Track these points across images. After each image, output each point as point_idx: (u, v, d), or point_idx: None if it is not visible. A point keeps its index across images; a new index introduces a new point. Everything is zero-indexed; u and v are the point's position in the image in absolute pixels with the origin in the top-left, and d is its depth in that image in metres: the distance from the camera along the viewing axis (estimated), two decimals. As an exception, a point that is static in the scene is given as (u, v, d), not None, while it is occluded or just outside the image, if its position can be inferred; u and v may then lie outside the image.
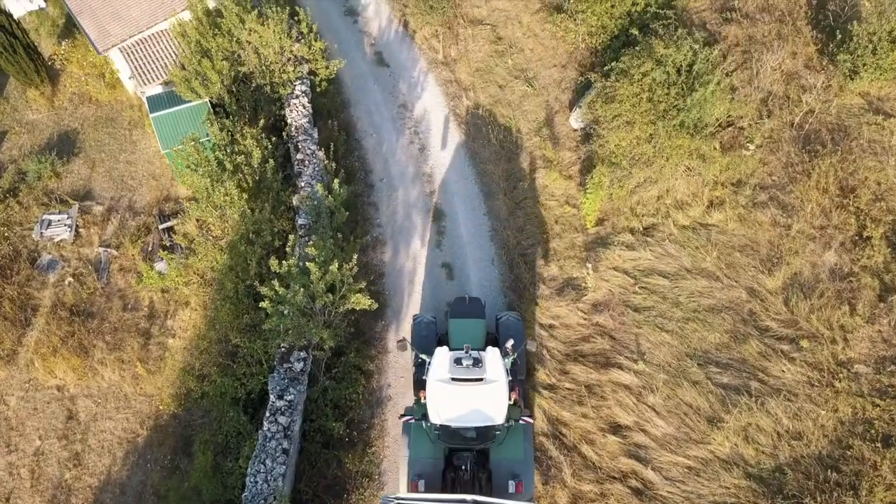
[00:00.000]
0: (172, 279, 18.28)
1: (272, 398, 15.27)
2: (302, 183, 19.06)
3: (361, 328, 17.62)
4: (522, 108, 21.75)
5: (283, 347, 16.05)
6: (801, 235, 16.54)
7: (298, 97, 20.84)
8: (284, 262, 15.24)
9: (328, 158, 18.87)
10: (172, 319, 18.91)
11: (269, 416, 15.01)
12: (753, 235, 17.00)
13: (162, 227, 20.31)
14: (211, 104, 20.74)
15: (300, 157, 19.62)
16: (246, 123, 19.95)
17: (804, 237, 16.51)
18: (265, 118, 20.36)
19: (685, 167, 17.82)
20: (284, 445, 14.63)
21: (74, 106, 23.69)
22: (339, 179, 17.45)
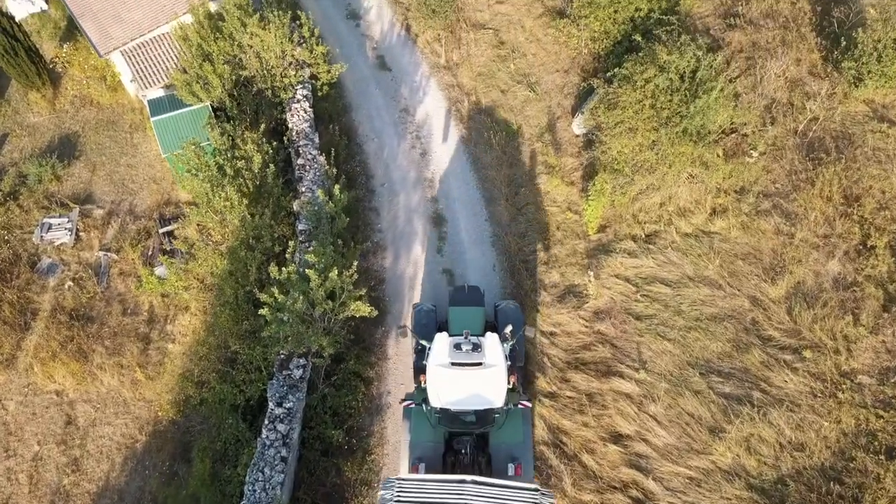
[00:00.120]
0: (172, 284, 18.21)
1: (271, 405, 15.20)
2: (302, 188, 18.99)
3: (361, 335, 17.54)
4: (524, 113, 21.66)
5: (282, 354, 15.98)
6: (804, 244, 16.44)
7: (300, 101, 20.77)
8: (284, 268, 15.17)
9: (329, 164, 18.80)
10: (172, 324, 18.85)
11: (267, 423, 14.93)
12: (756, 244, 16.90)
13: (162, 231, 20.25)
14: (212, 108, 20.69)
15: (301, 161, 19.55)
16: (247, 128, 19.89)
17: (807, 246, 16.41)
18: (266, 122, 20.30)
19: (688, 174, 17.72)
20: (283, 453, 14.55)
21: (76, 109, 23.64)
22: (339, 185, 17.39)
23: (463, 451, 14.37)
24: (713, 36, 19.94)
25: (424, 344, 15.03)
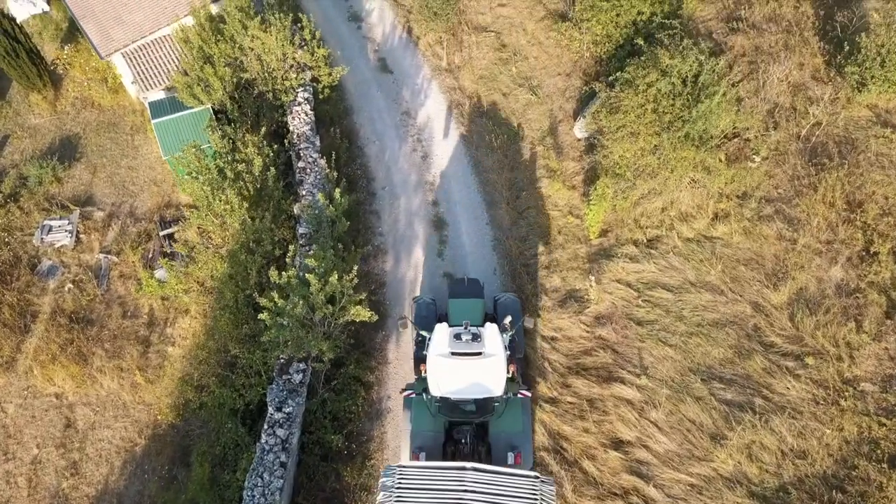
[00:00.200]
0: (172, 287, 18.17)
1: (271, 410, 15.14)
2: (303, 191, 18.94)
3: (361, 339, 17.48)
4: (526, 116, 21.60)
5: (282, 359, 15.92)
6: (806, 250, 16.34)
7: (301, 104, 20.72)
8: (284, 272, 15.12)
9: (330, 167, 18.74)
10: (172, 327, 18.81)
11: (267, 428, 14.88)
12: (759, 249, 16.81)
13: (163, 233, 20.21)
14: (213, 110, 20.65)
15: (302, 165, 19.50)
16: (248, 130, 19.84)
17: (810, 252, 16.31)
18: (267, 125, 20.25)
19: (690, 179, 17.63)
20: (282, 458, 14.50)
21: (77, 110, 23.62)
22: (340, 188, 17.33)
23: (463, 440, 14.53)
24: (716, 40, 19.85)
25: (424, 335, 15.17)
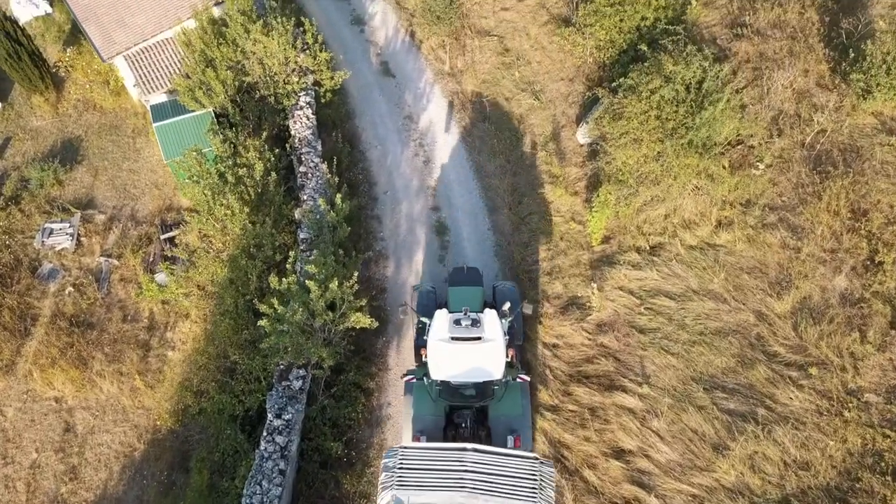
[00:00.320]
0: (172, 291, 18.11)
1: (270, 417, 15.07)
2: (304, 196, 18.87)
3: (362, 345, 17.40)
4: (529, 121, 21.51)
5: (281, 365, 15.85)
6: (811, 259, 16.20)
7: (302, 108, 20.66)
8: (284, 279, 15.04)
9: (331, 172, 18.66)
10: (172, 331, 18.77)
11: (266, 435, 14.80)
12: (762, 257, 16.67)
13: (164, 237, 20.15)
14: (215, 114, 20.60)
15: (303, 169, 19.43)
16: (249, 134, 19.79)
17: (814, 260, 16.17)
18: (269, 129, 20.21)
19: (693, 186, 17.51)
20: (281, 466, 14.42)
21: (79, 113, 23.60)
22: (341, 194, 17.26)
23: (463, 424, 14.73)
24: (720, 46, 19.72)
25: (425, 321, 15.36)
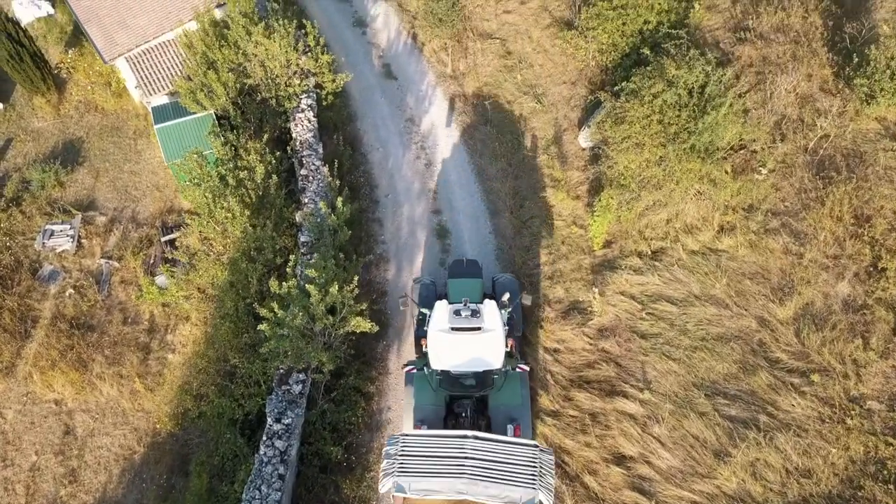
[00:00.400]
0: (172, 294, 18.08)
1: (269, 421, 15.03)
2: (305, 199, 18.83)
3: (362, 349, 17.34)
4: (531, 124, 21.45)
5: (281, 369, 15.81)
6: (813, 264, 16.13)
7: (304, 111, 20.62)
8: (284, 283, 15.00)
9: (332, 175, 18.62)
10: (173, 334, 18.73)
11: (265, 439, 14.76)
12: (764, 263, 16.60)
13: (164, 239, 20.12)
14: (216, 116, 20.56)
15: (304, 172, 19.39)
16: (250, 137, 19.75)
17: (817, 266, 16.10)
18: (270, 131, 20.17)
19: (695, 191, 17.44)
20: (280, 471, 14.38)
21: (80, 114, 23.59)
22: (342, 197, 17.22)
23: (463, 414, 14.87)
24: (723, 50, 19.65)
25: (425, 312, 15.56)
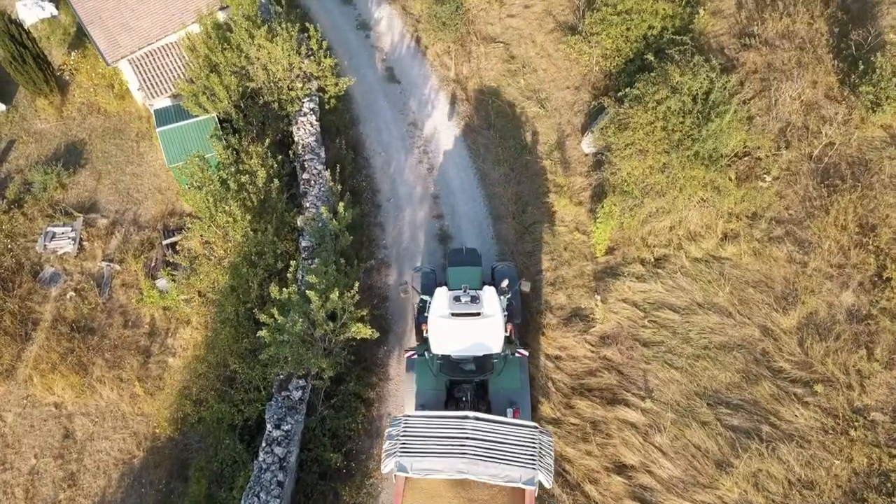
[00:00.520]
0: (173, 297, 18.03)
1: (269, 428, 14.96)
2: (307, 203, 18.77)
3: (363, 354, 17.27)
4: (534, 129, 21.37)
5: (281, 375, 15.74)
6: (817, 273, 16.02)
7: (306, 115, 20.56)
8: (285, 289, 14.94)
9: (334, 180, 18.55)
10: (173, 338, 18.68)
11: (265, 446, 14.69)
12: (768, 271, 16.50)
13: (166, 242, 20.07)
14: (218, 119, 20.52)
15: (306, 176, 19.33)
16: (253, 140, 19.70)
17: (821, 275, 15.99)
18: (272, 135, 20.12)
19: (699, 198, 17.33)
20: (280, 477, 14.30)
21: (83, 116, 23.56)
22: (344, 202, 17.15)
23: (464, 398, 15.13)
24: (727, 56, 19.55)
25: (425, 299, 15.87)
